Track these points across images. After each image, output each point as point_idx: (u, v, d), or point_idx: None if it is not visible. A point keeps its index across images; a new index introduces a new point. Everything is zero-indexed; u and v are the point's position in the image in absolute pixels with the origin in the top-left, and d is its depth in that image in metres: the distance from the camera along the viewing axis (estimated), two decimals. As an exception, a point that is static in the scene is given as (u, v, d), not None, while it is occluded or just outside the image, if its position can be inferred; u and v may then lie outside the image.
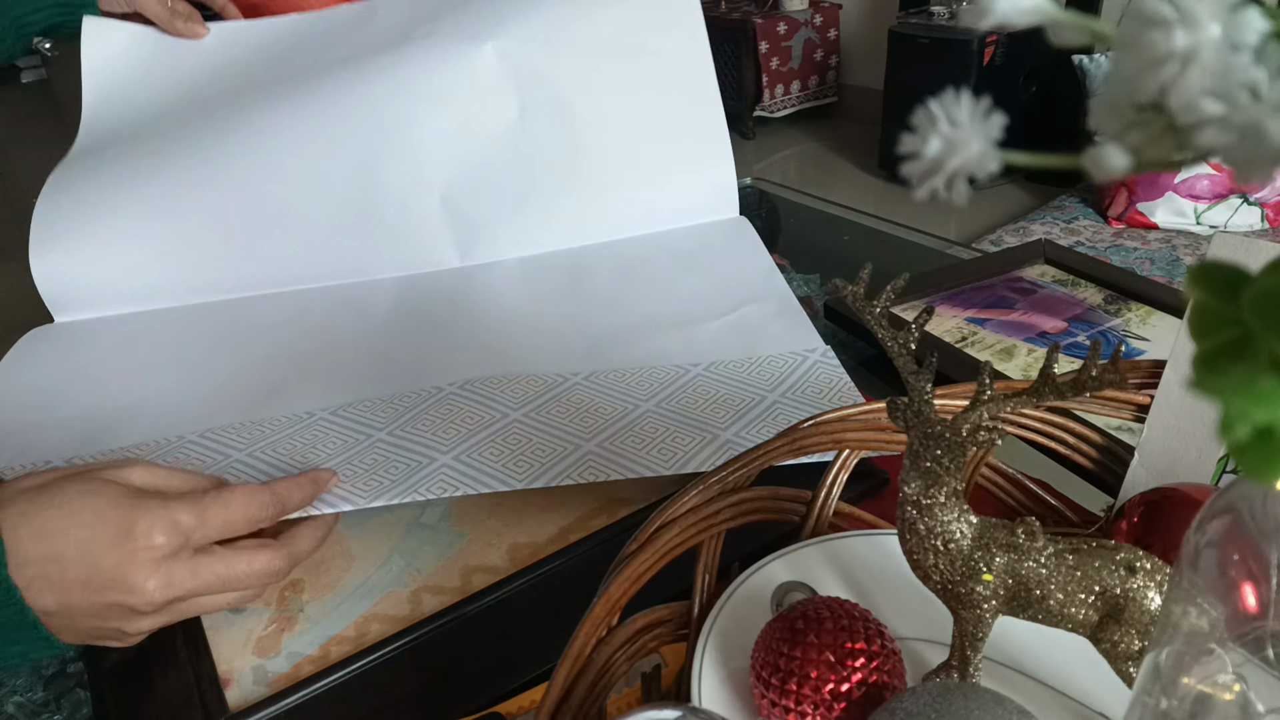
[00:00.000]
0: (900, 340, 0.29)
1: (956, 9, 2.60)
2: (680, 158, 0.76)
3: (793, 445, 0.39)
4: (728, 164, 0.77)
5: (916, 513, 0.29)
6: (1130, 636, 0.27)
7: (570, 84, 0.73)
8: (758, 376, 0.55)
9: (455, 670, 0.39)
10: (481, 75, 0.71)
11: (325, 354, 0.62)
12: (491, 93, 0.71)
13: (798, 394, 0.53)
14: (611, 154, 0.74)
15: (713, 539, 0.37)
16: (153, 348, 0.65)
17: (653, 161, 0.76)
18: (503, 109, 0.72)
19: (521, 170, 0.73)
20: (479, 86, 0.71)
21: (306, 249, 0.71)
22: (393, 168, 0.70)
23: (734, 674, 0.32)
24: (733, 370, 0.56)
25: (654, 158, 0.76)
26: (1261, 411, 0.13)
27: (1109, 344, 0.59)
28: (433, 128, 0.71)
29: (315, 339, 0.65)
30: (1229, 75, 0.13)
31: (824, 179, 2.89)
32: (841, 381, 0.54)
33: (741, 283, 0.67)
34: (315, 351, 0.63)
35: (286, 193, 0.70)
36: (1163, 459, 0.39)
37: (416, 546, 0.47)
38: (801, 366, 0.56)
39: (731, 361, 0.57)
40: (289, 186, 0.70)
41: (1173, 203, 2.05)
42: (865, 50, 3.27)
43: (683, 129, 0.76)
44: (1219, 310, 0.14)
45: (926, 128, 0.16)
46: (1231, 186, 1.99)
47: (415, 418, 0.53)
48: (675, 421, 0.51)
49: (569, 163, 0.73)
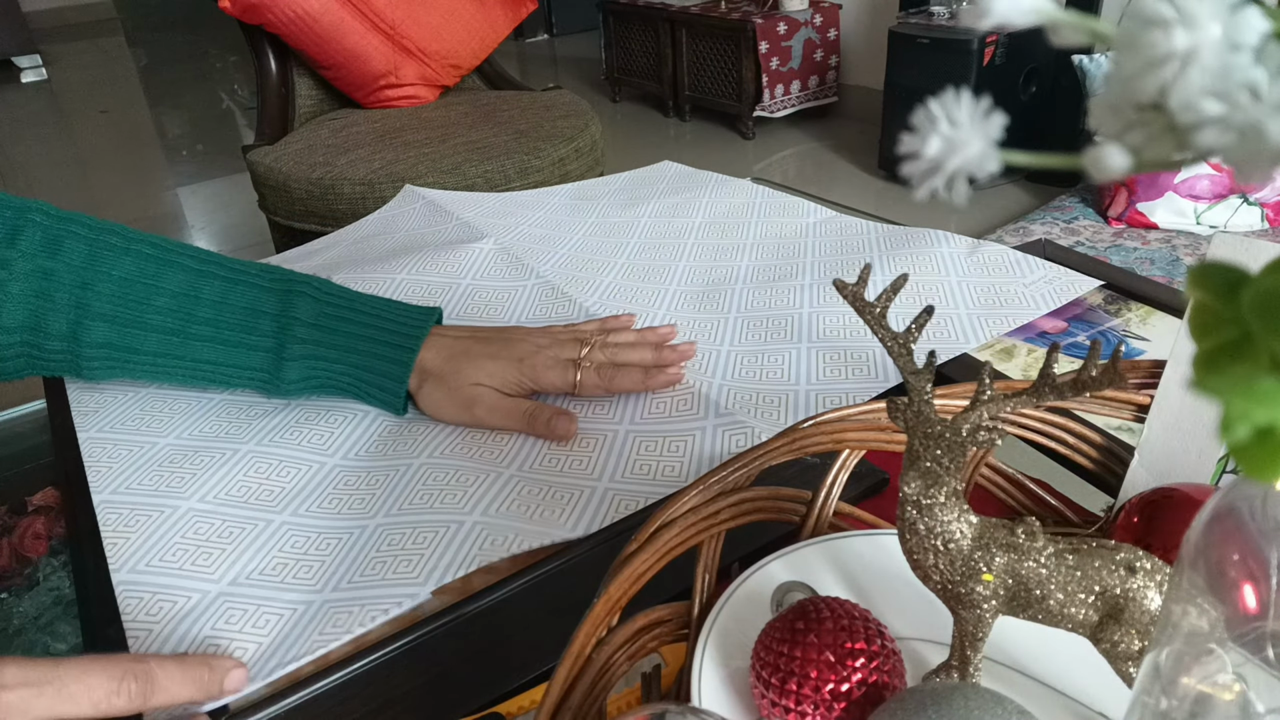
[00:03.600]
0: (900, 340, 0.29)
1: (956, 9, 2.60)
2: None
3: (793, 445, 0.39)
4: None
5: (916, 513, 0.29)
6: (1130, 636, 0.27)
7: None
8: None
9: (455, 670, 0.39)
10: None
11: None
12: None
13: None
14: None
15: (713, 539, 0.37)
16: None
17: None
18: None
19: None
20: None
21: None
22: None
23: (734, 674, 0.32)
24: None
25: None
26: (1261, 411, 0.13)
27: (1109, 344, 0.59)
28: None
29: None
30: (1229, 75, 0.13)
31: (824, 179, 2.89)
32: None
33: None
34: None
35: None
36: (1163, 459, 0.39)
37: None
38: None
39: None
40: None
41: (1173, 203, 2.05)
42: (865, 50, 3.27)
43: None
44: (1219, 310, 0.14)
45: (926, 128, 0.16)
46: (1231, 186, 1.99)
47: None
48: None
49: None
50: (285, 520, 0.48)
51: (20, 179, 3.38)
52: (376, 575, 0.44)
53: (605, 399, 0.57)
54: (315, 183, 1.43)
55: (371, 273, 0.75)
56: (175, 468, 0.53)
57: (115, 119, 4.20)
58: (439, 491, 0.49)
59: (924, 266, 0.69)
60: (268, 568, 0.45)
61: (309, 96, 1.79)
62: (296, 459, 0.53)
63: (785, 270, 0.72)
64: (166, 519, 0.49)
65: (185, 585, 0.44)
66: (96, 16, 6.27)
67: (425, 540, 0.45)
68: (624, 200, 0.91)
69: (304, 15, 1.58)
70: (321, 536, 0.47)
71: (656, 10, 3.40)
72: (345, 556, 0.46)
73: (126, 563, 0.46)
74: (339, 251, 0.85)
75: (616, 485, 0.49)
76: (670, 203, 0.88)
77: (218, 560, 0.46)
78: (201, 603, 0.43)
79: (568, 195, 0.94)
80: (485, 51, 1.82)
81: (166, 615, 0.43)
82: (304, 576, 0.45)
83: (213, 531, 0.48)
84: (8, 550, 0.50)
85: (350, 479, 0.51)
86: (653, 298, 0.71)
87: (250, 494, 0.50)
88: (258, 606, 0.43)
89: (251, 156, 1.55)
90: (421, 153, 1.47)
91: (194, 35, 6.07)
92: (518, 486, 0.49)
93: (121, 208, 3.04)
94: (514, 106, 1.70)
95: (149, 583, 0.45)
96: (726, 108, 3.31)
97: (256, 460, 0.53)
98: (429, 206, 0.91)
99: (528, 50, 5.11)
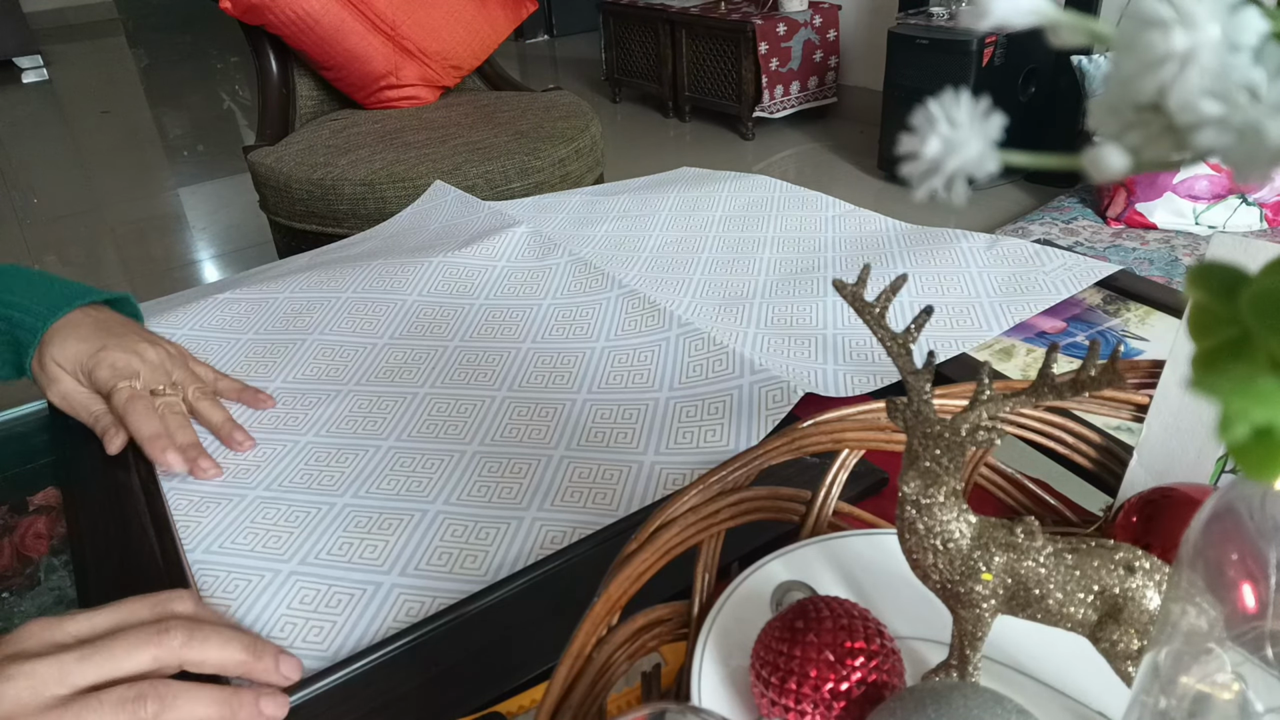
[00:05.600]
0: (900, 340, 0.29)
1: (956, 10, 2.60)
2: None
3: (792, 445, 0.39)
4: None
5: (916, 512, 0.29)
6: (1129, 636, 0.27)
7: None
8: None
9: (455, 670, 0.39)
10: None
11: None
12: None
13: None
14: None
15: (712, 539, 0.37)
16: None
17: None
18: None
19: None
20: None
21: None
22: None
23: (734, 673, 0.32)
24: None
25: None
26: (1261, 411, 0.13)
27: (1108, 344, 0.60)
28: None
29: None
30: (1228, 76, 0.13)
31: (823, 179, 2.88)
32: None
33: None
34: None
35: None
36: (1162, 459, 0.39)
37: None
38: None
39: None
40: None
41: (1171, 203, 2.05)
42: (864, 51, 3.27)
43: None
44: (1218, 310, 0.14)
45: (926, 128, 0.16)
46: (1230, 187, 1.99)
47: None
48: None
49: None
50: (347, 503, 0.50)
51: (21, 179, 3.38)
52: (444, 567, 0.45)
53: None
54: (316, 183, 1.43)
55: (409, 258, 0.75)
56: (239, 458, 0.55)
57: (116, 119, 4.20)
58: (495, 484, 0.51)
59: (944, 260, 0.70)
60: (334, 547, 0.47)
61: (310, 97, 1.79)
62: (354, 445, 0.55)
63: (808, 264, 0.73)
64: (235, 505, 0.51)
65: (258, 565, 0.46)
66: (97, 17, 6.26)
67: (488, 536, 0.47)
68: (648, 194, 0.93)
69: (305, 16, 1.58)
70: (383, 517, 0.49)
71: (656, 11, 3.40)
72: (410, 540, 0.47)
73: (201, 544, 0.48)
74: (375, 244, 0.86)
75: (661, 458, 0.51)
76: (692, 196, 0.90)
77: (286, 543, 0.47)
78: (274, 582, 0.45)
79: (590, 194, 0.96)
80: (486, 52, 1.82)
81: (242, 593, 0.44)
82: (370, 557, 0.46)
83: (279, 516, 0.50)
84: (9, 550, 0.50)
85: (406, 461, 0.53)
86: (683, 271, 0.74)
87: (312, 480, 0.52)
88: (329, 586, 0.44)
89: (252, 157, 1.55)
90: (422, 153, 1.47)
91: (195, 36, 6.07)
92: (567, 471, 0.51)
93: (122, 208, 3.04)
94: (514, 107, 1.70)
95: (223, 562, 0.46)
96: (726, 108, 3.31)
97: (316, 450, 0.55)
98: (460, 199, 0.93)
99: (528, 51, 5.11)
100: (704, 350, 0.59)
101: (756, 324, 0.64)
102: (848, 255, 0.74)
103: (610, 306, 0.67)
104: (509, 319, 0.68)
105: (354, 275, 0.73)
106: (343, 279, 0.73)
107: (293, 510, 0.50)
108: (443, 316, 0.68)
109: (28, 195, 3.20)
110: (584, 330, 0.65)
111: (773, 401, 0.53)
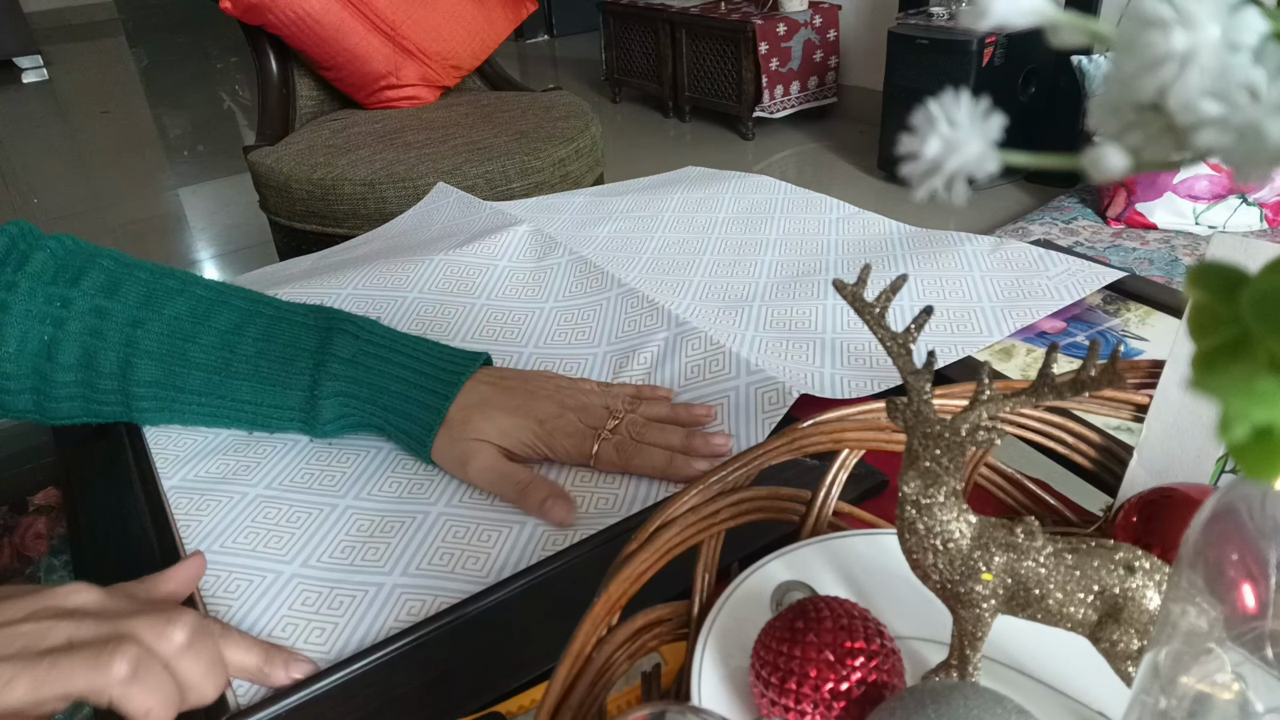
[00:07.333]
0: (900, 340, 0.29)
1: (956, 10, 2.60)
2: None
3: (792, 445, 0.39)
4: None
5: (916, 512, 0.29)
6: (1129, 636, 0.27)
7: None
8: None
9: (455, 670, 0.39)
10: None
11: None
12: None
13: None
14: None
15: (712, 539, 0.37)
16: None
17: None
18: None
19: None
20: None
21: None
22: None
23: (734, 673, 0.32)
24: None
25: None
26: (1261, 411, 0.13)
27: (1108, 344, 0.60)
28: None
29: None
30: (1228, 75, 0.13)
31: (823, 179, 2.88)
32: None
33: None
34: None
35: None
36: (1162, 459, 0.39)
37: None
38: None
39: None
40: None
41: (1171, 203, 2.05)
42: (864, 51, 3.27)
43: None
44: (1218, 310, 0.14)
45: (926, 128, 0.16)
46: (1230, 187, 1.99)
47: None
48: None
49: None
50: (349, 504, 0.50)
51: (22, 179, 3.38)
52: (445, 567, 0.45)
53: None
54: (316, 183, 1.43)
55: (410, 258, 0.75)
56: (239, 455, 0.55)
57: (116, 119, 4.20)
58: None
59: (948, 263, 0.69)
60: (336, 550, 0.47)
61: (310, 97, 1.79)
62: (356, 446, 0.55)
63: (810, 266, 0.73)
64: (235, 505, 0.50)
65: (260, 566, 0.46)
66: (97, 17, 6.27)
67: (489, 538, 0.47)
68: (652, 194, 0.92)
69: (305, 16, 1.58)
70: (385, 519, 0.49)
71: (656, 11, 3.40)
72: (411, 541, 0.47)
73: (201, 543, 0.48)
74: (378, 245, 0.86)
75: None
76: (696, 196, 0.90)
77: (288, 544, 0.47)
78: (276, 583, 0.45)
79: (594, 194, 0.96)
80: (486, 52, 1.82)
81: (243, 593, 0.44)
82: (372, 559, 0.46)
83: (280, 516, 0.49)
84: (9, 550, 0.50)
85: (408, 461, 0.53)
86: (684, 272, 0.73)
87: (313, 480, 0.52)
88: (331, 589, 0.44)
89: (252, 157, 1.55)
90: (422, 153, 1.47)
91: (195, 36, 6.07)
92: (568, 473, 0.51)
93: (123, 208, 3.04)
94: (514, 107, 1.70)
95: (225, 562, 0.46)
96: (726, 108, 3.31)
97: (317, 450, 0.55)
98: (463, 200, 0.92)
99: (528, 51, 5.11)
100: (701, 350, 0.59)
101: (756, 325, 0.64)
102: (850, 258, 0.74)
103: (610, 306, 0.67)
104: (510, 320, 0.68)
105: (354, 273, 0.73)
106: (343, 277, 0.73)
107: (294, 510, 0.50)
108: (444, 315, 0.68)
109: (28, 195, 3.21)
110: (585, 335, 0.65)
111: (769, 403, 0.53)
